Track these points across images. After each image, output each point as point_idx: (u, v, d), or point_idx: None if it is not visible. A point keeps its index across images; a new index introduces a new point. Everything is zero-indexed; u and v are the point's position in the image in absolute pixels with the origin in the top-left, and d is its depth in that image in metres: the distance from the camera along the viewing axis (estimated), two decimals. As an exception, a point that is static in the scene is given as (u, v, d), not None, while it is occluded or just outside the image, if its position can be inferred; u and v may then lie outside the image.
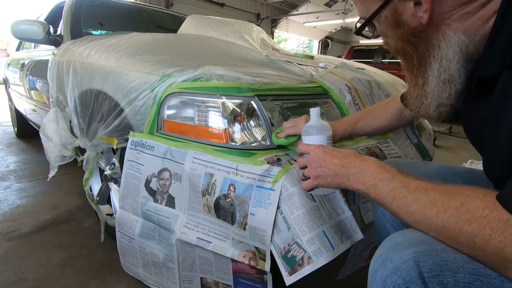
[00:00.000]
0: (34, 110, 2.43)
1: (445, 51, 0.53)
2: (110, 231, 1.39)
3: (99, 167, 1.51)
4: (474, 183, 0.46)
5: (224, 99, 0.88)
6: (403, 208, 0.49)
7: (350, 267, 0.99)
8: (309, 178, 0.65)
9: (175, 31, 2.09)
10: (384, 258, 0.46)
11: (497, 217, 0.40)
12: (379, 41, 0.65)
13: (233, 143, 0.87)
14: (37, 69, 2.16)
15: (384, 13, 0.57)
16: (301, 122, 0.80)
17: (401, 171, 0.54)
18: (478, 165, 2.69)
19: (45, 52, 2.03)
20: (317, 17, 14.98)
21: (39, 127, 1.98)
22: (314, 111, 0.72)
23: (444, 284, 0.40)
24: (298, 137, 0.80)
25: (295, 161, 0.81)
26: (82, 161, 1.41)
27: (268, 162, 0.78)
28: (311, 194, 0.76)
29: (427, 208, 0.46)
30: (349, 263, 0.96)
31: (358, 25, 0.63)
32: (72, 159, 1.51)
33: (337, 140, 0.91)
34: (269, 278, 0.83)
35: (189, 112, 0.94)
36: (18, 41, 3.19)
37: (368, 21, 0.60)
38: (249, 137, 0.88)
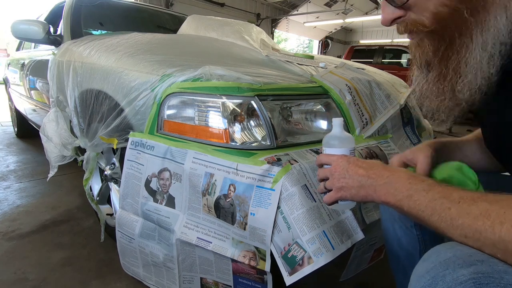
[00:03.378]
0: (34, 110, 2.43)
1: (492, 29, 0.47)
2: (110, 231, 1.39)
3: (99, 167, 1.51)
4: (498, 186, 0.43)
5: (224, 99, 0.88)
6: (447, 221, 0.43)
7: (352, 269, 0.99)
8: (330, 190, 0.60)
9: (175, 31, 2.09)
10: (433, 276, 0.39)
11: None
12: (379, 41, 0.61)
13: (233, 143, 0.87)
14: (37, 69, 2.16)
15: None
16: (421, 152, 0.68)
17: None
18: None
19: (45, 52, 2.03)
20: (317, 17, 14.97)
21: (39, 127, 1.98)
22: (337, 122, 0.68)
23: None
24: (414, 168, 0.68)
25: (296, 161, 0.81)
26: (82, 161, 1.41)
27: (268, 162, 0.78)
28: (311, 194, 0.76)
29: (479, 221, 0.40)
30: (351, 265, 0.96)
31: None
32: (72, 159, 1.51)
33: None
34: (269, 278, 0.83)
35: (189, 112, 0.94)
36: (18, 41, 3.19)
37: None
38: (249, 137, 0.88)
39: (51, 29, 1.83)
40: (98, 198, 1.51)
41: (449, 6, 0.49)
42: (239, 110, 0.88)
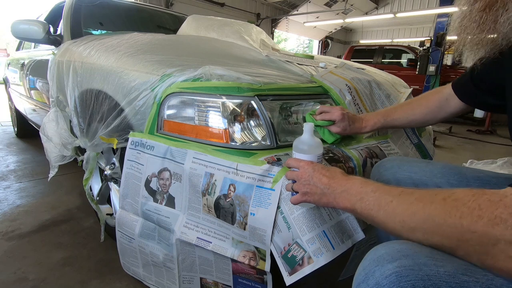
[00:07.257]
0: (34, 110, 2.43)
1: None
2: (110, 231, 1.39)
3: (99, 167, 1.51)
4: (479, 183, 0.46)
5: (224, 99, 0.88)
6: (390, 213, 0.48)
7: (351, 268, 0.99)
8: (297, 192, 0.66)
9: (175, 31, 2.09)
10: (366, 272, 0.45)
11: (487, 199, 0.40)
12: (379, 41, 0.63)
13: (233, 143, 0.87)
14: (37, 69, 2.16)
15: None
16: (336, 110, 0.89)
17: (386, 184, 0.54)
18: (478, 165, 2.69)
19: (45, 52, 2.03)
20: (317, 17, 14.96)
21: (39, 127, 1.98)
22: (307, 127, 0.70)
23: None
24: (332, 122, 0.90)
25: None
26: (82, 161, 1.40)
27: (268, 162, 0.78)
28: None
29: (413, 205, 0.45)
30: (350, 264, 0.96)
31: None
32: (72, 159, 1.51)
33: (368, 131, 0.94)
34: (269, 278, 0.83)
35: (189, 112, 0.94)
36: (18, 41, 3.19)
37: None
38: (249, 137, 0.88)
39: (51, 29, 1.83)
40: (98, 198, 1.51)
41: None
42: (239, 110, 0.88)
